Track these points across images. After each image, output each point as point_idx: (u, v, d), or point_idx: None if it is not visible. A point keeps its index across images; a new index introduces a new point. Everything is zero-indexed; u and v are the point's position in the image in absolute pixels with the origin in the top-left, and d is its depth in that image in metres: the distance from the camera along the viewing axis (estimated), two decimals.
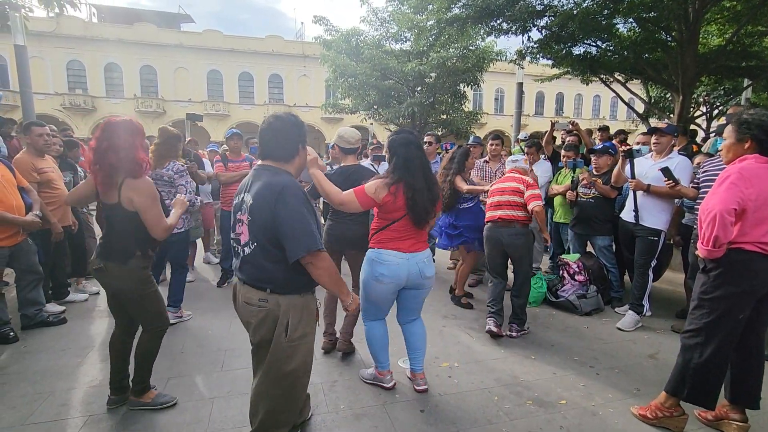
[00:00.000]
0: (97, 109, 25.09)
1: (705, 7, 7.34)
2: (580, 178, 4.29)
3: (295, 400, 1.91)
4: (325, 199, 2.40)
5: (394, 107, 14.04)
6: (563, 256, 4.36)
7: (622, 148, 3.69)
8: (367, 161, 5.29)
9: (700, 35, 8.39)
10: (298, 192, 1.75)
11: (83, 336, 3.34)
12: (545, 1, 8.25)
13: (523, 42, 9.11)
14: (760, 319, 2.15)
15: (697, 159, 3.93)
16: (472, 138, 5.87)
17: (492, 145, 4.70)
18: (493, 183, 3.72)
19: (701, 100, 12.05)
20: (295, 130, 1.87)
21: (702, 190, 3.04)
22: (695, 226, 2.87)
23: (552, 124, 5.77)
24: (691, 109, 10.13)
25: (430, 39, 12.85)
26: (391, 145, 2.42)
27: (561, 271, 4.26)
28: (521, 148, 6.19)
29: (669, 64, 8.46)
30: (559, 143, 6.07)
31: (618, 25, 8.77)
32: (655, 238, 3.48)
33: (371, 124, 17.64)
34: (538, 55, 9.37)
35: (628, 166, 3.55)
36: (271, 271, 1.75)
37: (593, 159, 4.28)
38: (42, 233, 3.50)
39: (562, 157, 4.86)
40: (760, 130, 2.04)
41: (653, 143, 3.54)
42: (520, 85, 10.61)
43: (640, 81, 11.00)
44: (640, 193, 3.51)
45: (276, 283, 1.76)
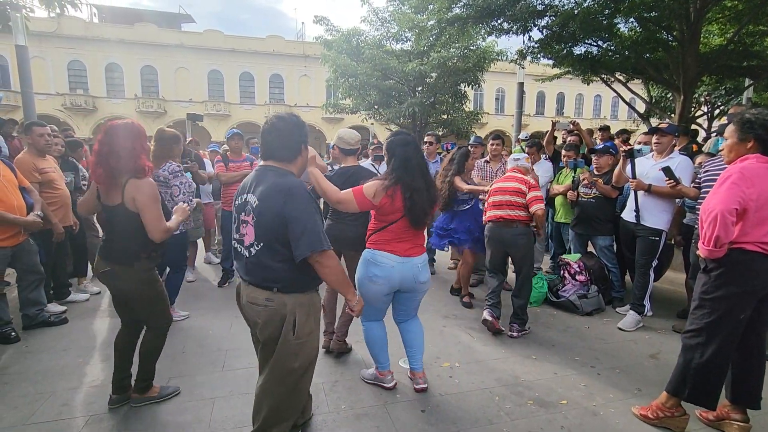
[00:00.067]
0: (98, 109, 25.14)
1: (706, 6, 7.33)
2: (581, 178, 4.29)
3: (300, 397, 1.94)
4: (322, 198, 2.41)
5: (394, 107, 14.03)
6: (564, 256, 4.36)
7: (624, 148, 3.68)
8: (368, 161, 5.29)
9: (702, 35, 8.38)
10: (305, 192, 1.79)
11: (84, 336, 3.35)
12: (546, 1, 8.25)
13: (523, 42, 9.13)
14: (761, 319, 2.15)
15: (698, 159, 3.92)
16: (473, 138, 5.86)
17: (493, 145, 4.70)
18: (494, 182, 3.73)
19: (702, 99, 12.02)
20: (298, 131, 1.90)
21: (703, 190, 3.03)
22: (696, 226, 2.86)
23: (553, 124, 5.78)
24: (693, 108, 10.11)
25: (431, 39, 12.85)
26: (389, 146, 2.44)
27: (562, 271, 4.26)
28: (522, 147, 6.19)
29: (670, 64, 8.46)
30: (560, 143, 6.07)
31: (619, 25, 8.76)
32: (656, 238, 3.48)
33: (372, 124, 17.62)
34: (539, 55, 9.36)
35: (629, 166, 3.54)
36: (277, 270, 1.77)
37: (594, 159, 4.28)
38: (43, 233, 3.50)
39: (562, 156, 4.86)
40: (763, 129, 2.03)
41: (654, 143, 3.54)
42: (521, 84, 10.59)
43: (641, 81, 11.00)
44: (641, 193, 3.51)
45: (282, 283, 1.78)
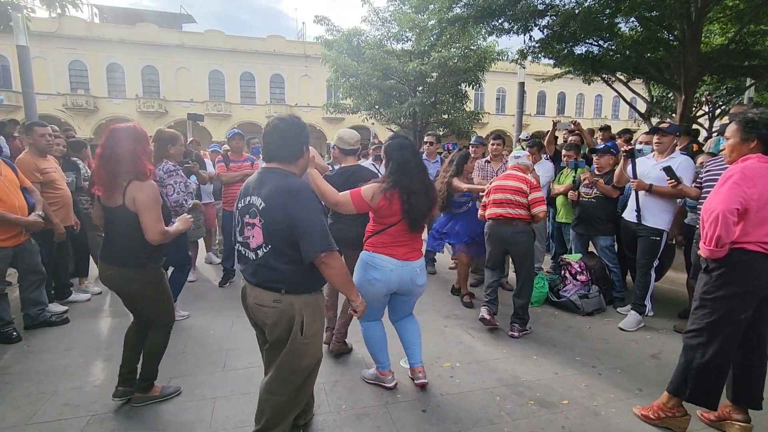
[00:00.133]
0: (99, 109, 25.15)
1: (707, 5, 7.32)
2: (582, 178, 4.28)
3: (303, 395, 1.97)
4: (320, 198, 2.42)
5: (395, 107, 14.04)
6: (565, 256, 4.36)
7: (625, 148, 3.68)
8: (369, 161, 5.29)
9: (703, 34, 8.36)
10: (311, 193, 1.82)
11: (86, 336, 3.35)
12: (547, 1, 8.25)
13: (524, 41, 9.12)
14: (762, 319, 2.14)
15: (700, 158, 3.92)
16: (474, 138, 5.86)
17: (493, 144, 4.69)
18: (494, 179, 3.72)
19: (704, 99, 12.01)
20: (300, 132, 1.91)
21: (704, 190, 3.03)
22: (697, 226, 2.86)
23: (554, 124, 5.77)
24: (694, 108, 10.07)
25: (432, 39, 12.83)
26: (387, 149, 2.45)
27: (563, 271, 4.26)
28: (523, 147, 6.18)
29: (671, 64, 8.45)
30: (561, 143, 6.06)
31: (620, 25, 8.75)
32: (658, 238, 3.47)
33: (372, 124, 17.64)
34: (539, 55, 9.36)
35: (630, 165, 3.54)
36: (284, 272, 1.79)
37: (595, 159, 4.27)
38: (45, 233, 3.51)
39: (563, 156, 4.85)
40: (767, 129, 2.03)
41: (655, 143, 3.53)
42: (522, 84, 10.59)
43: (642, 80, 10.98)
44: (642, 193, 3.50)
45: (290, 284, 1.80)
